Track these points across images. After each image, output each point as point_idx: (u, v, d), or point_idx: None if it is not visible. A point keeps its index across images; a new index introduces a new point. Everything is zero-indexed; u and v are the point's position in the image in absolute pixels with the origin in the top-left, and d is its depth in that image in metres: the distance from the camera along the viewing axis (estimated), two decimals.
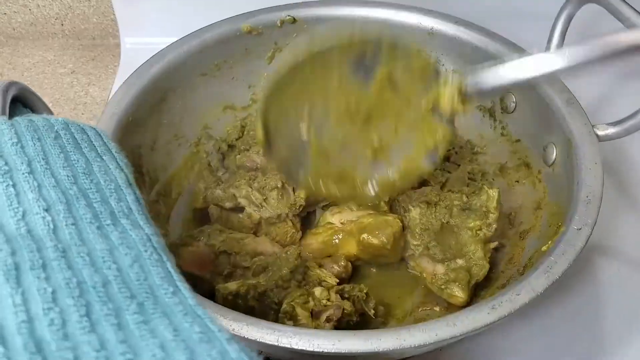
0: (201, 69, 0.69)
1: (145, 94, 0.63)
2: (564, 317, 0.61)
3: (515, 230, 0.62)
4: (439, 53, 0.71)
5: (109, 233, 0.29)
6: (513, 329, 0.60)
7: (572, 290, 0.63)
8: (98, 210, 0.30)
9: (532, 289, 0.46)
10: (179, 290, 0.27)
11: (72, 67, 0.87)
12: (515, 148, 0.67)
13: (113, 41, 0.92)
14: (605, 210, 0.52)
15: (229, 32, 0.69)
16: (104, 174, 0.34)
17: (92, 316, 0.24)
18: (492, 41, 0.66)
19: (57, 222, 0.28)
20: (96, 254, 0.27)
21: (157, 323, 0.24)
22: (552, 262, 0.47)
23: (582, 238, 0.49)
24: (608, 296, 0.63)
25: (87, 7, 0.89)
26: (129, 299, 0.25)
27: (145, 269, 0.28)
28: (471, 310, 0.44)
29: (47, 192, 0.30)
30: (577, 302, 0.62)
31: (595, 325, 0.61)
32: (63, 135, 0.36)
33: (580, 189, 0.53)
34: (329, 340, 0.43)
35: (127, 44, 0.86)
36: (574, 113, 0.58)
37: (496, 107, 0.69)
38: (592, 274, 0.65)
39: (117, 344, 0.23)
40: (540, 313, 0.61)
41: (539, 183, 0.62)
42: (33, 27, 0.91)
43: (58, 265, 0.25)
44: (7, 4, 0.88)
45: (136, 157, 0.62)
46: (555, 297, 0.62)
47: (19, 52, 0.90)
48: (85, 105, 0.82)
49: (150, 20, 0.84)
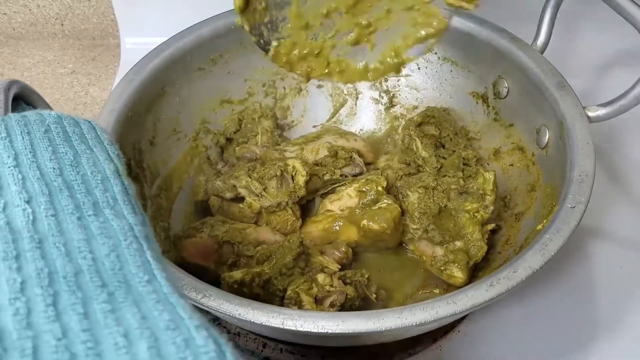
0: (198, 63, 0.70)
1: (143, 89, 0.64)
2: (558, 298, 0.62)
3: (511, 212, 0.64)
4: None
5: (89, 223, 0.29)
6: (509, 311, 0.61)
7: (565, 272, 0.64)
8: (81, 201, 0.31)
9: (529, 266, 0.47)
10: (154, 279, 0.27)
11: (72, 67, 0.88)
12: (508, 132, 0.68)
13: (113, 41, 0.93)
14: (597, 192, 0.54)
15: (224, 26, 0.70)
16: (92, 165, 0.34)
17: (59, 306, 0.24)
18: (483, 28, 0.67)
19: (37, 213, 0.28)
20: (73, 244, 0.27)
21: (124, 312, 0.25)
22: (548, 240, 0.48)
23: (576, 216, 0.50)
24: (600, 277, 0.64)
25: (87, 7, 0.90)
26: (99, 287, 0.25)
27: (121, 258, 0.28)
28: (470, 288, 0.46)
29: (30, 185, 0.30)
30: (571, 284, 0.64)
31: (588, 305, 0.63)
32: (54, 128, 0.36)
33: (572, 168, 0.54)
34: (332, 322, 0.44)
35: (127, 44, 0.87)
36: (565, 96, 0.60)
37: (489, 93, 0.70)
38: (584, 256, 0.66)
39: (80, 332, 0.23)
40: (534, 295, 0.62)
41: (533, 166, 0.63)
42: (33, 27, 0.91)
43: (32, 256, 0.26)
44: (7, 4, 0.89)
45: (137, 152, 0.63)
46: (549, 279, 0.63)
47: (19, 52, 0.91)
48: (85, 105, 0.83)
49: (150, 20, 0.84)
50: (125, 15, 0.86)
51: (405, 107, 0.77)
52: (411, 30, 0.52)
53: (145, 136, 0.65)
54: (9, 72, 0.87)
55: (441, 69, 0.74)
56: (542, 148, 0.62)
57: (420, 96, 0.76)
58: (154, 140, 0.66)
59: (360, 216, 0.62)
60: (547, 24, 0.66)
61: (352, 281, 0.58)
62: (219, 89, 0.73)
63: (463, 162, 0.66)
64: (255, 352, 0.60)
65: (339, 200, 0.65)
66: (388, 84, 0.77)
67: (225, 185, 0.65)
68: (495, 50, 0.66)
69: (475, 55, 0.69)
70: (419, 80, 0.76)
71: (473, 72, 0.71)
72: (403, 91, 0.77)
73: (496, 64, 0.67)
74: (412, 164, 0.68)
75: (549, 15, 0.66)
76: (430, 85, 0.75)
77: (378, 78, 0.57)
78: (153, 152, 0.66)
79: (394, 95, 0.77)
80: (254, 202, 0.64)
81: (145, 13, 0.84)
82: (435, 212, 0.61)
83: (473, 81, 0.71)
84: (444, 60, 0.73)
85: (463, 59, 0.71)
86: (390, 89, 0.77)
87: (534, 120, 0.64)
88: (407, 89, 0.77)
